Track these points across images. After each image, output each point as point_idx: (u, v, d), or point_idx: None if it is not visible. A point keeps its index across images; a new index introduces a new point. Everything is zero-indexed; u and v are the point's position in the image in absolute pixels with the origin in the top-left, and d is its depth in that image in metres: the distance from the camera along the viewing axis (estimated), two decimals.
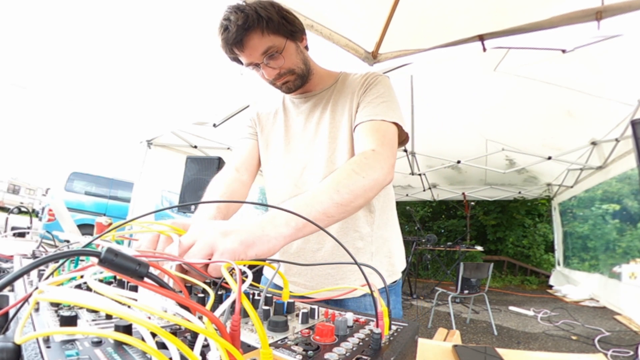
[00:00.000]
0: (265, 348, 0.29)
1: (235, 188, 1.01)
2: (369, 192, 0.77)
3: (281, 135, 1.10)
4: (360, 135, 0.91)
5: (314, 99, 1.07)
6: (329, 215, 0.69)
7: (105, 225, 1.84)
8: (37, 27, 2.32)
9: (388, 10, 2.11)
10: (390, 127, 0.92)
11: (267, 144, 1.13)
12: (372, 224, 1.02)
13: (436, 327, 3.14)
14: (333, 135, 1.01)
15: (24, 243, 1.48)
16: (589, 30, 1.96)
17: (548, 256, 8.38)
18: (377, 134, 0.88)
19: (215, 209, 0.87)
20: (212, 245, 0.52)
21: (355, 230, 1.00)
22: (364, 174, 0.76)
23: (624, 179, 6.54)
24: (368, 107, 0.94)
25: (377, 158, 0.82)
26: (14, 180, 25.67)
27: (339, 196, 0.70)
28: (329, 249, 1.00)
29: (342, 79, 1.07)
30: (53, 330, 0.27)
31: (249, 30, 0.85)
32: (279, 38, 0.90)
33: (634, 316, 4.48)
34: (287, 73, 0.96)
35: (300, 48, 0.97)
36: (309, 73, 1.01)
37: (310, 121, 1.06)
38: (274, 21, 0.87)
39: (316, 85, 1.07)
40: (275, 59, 0.92)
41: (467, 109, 4.07)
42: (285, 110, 1.13)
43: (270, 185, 1.12)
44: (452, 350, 0.84)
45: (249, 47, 0.88)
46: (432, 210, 10.50)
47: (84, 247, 0.47)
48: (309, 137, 1.05)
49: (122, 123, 4.18)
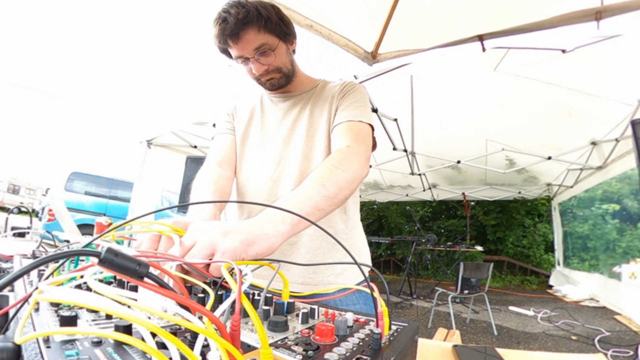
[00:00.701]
0: (265, 348, 0.29)
1: (222, 184, 1.02)
2: (352, 184, 0.82)
3: (257, 131, 1.13)
4: (337, 134, 0.98)
5: (293, 99, 1.12)
6: (320, 208, 0.73)
7: (105, 225, 1.84)
8: (37, 27, 2.32)
9: (387, 10, 2.11)
10: (365, 127, 0.98)
11: (243, 138, 1.15)
12: (347, 222, 1.07)
13: (436, 327, 3.14)
14: (311, 135, 1.05)
15: (24, 243, 1.48)
16: (589, 30, 1.96)
17: (548, 256, 8.38)
18: (352, 132, 0.95)
19: (215, 208, 0.88)
20: (213, 245, 0.53)
21: (330, 226, 1.03)
22: (344, 167, 0.81)
23: (624, 179, 6.54)
24: (346, 110, 1.01)
25: (352, 152, 0.87)
26: (14, 180, 25.67)
27: (325, 190, 0.75)
28: (306, 242, 1.02)
29: (321, 85, 1.14)
30: (53, 330, 0.27)
31: (247, 25, 0.90)
32: (273, 37, 0.95)
33: (634, 316, 4.48)
34: (274, 70, 1.01)
35: (289, 50, 1.04)
36: (293, 74, 1.07)
37: (287, 118, 1.10)
38: (272, 21, 0.92)
39: (296, 88, 1.12)
40: (266, 56, 0.97)
41: (467, 109, 4.07)
42: (262, 106, 1.16)
43: (244, 180, 1.12)
44: (452, 350, 0.84)
45: (244, 41, 0.92)
46: (432, 210, 10.49)
47: (84, 247, 0.47)
48: (284, 133, 1.08)
49: (122, 123, 4.18)
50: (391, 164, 5.42)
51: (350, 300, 1.01)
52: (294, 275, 1.02)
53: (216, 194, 0.96)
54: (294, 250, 1.03)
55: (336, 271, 1.02)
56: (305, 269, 1.02)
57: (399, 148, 4.85)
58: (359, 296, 1.02)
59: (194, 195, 0.98)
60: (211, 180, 1.00)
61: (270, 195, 1.04)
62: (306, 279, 1.02)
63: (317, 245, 1.02)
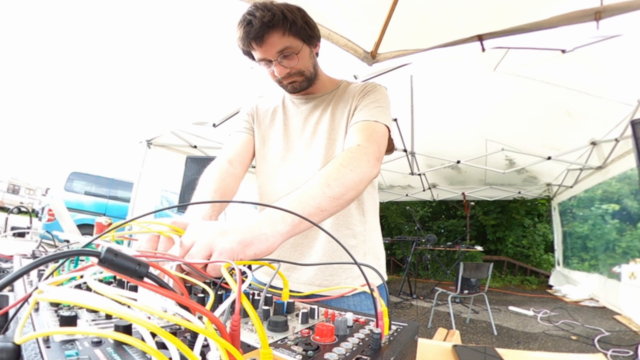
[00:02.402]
0: (265, 348, 0.29)
1: (228, 182, 1.00)
2: (359, 185, 0.79)
3: (280, 133, 1.12)
4: (350, 133, 0.96)
5: (314, 101, 1.11)
6: (323, 209, 0.71)
7: (105, 225, 1.83)
8: (37, 27, 2.32)
9: (387, 10, 2.11)
10: (380, 127, 0.95)
11: (264, 140, 1.14)
12: (365, 223, 1.06)
13: (436, 327, 3.14)
14: (332, 137, 1.04)
15: (23, 243, 1.48)
16: (588, 31, 1.96)
17: (548, 256, 8.39)
18: (365, 132, 0.92)
19: (212, 208, 0.87)
20: (211, 245, 0.52)
21: (348, 227, 1.02)
22: (351, 167, 0.78)
23: (623, 179, 6.54)
24: (364, 110, 0.99)
25: (362, 152, 0.85)
26: (14, 180, 25.66)
27: (330, 190, 0.72)
28: (322, 244, 1.01)
29: (343, 86, 1.12)
30: (53, 330, 0.27)
31: (272, 28, 0.89)
32: (297, 41, 0.94)
33: (633, 316, 4.49)
34: (296, 74, 1.00)
35: (312, 53, 1.03)
36: (315, 77, 1.06)
37: (309, 121, 1.09)
38: (297, 25, 0.92)
39: (319, 89, 1.11)
40: (290, 59, 0.96)
41: (467, 109, 4.07)
42: (284, 108, 1.15)
43: (265, 181, 1.12)
44: (451, 350, 0.84)
45: (268, 44, 0.91)
46: (432, 210, 10.49)
47: (83, 247, 0.47)
48: (307, 136, 1.08)
49: (122, 123, 4.18)
50: (391, 163, 5.42)
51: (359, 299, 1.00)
52: (310, 277, 1.01)
53: (218, 192, 0.95)
54: (312, 252, 1.02)
55: (354, 274, 1.01)
56: (322, 271, 1.01)
57: (399, 148, 4.85)
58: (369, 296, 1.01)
59: (196, 191, 0.97)
60: (216, 177, 0.99)
61: None
62: (323, 281, 1.01)
63: (335, 246, 1.00)
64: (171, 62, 2.78)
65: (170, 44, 2.55)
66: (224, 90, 3.21)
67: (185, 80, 3.08)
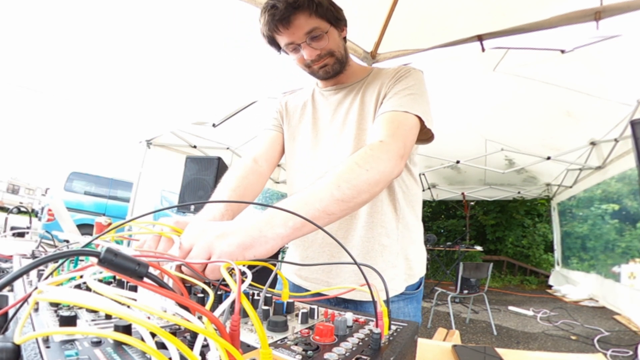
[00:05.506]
0: (264, 348, 0.29)
1: (250, 180, 0.97)
2: (374, 187, 0.72)
3: (309, 128, 1.08)
4: (374, 126, 0.87)
5: (344, 91, 1.05)
6: (329, 212, 0.65)
7: (105, 225, 1.83)
8: (37, 28, 2.32)
9: (387, 10, 2.11)
10: (410, 119, 0.86)
11: (293, 136, 1.10)
12: (399, 221, 0.99)
13: (436, 327, 3.14)
14: (362, 127, 0.98)
15: (23, 243, 1.48)
16: (588, 31, 1.97)
17: (547, 256, 8.39)
18: (391, 125, 0.84)
19: (223, 206, 0.83)
20: (210, 248, 0.52)
21: (382, 226, 0.97)
22: (368, 166, 0.71)
23: (623, 179, 6.54)
24: (393, 98, 0.91)
25: (383, 149, 0.77)
26: (14, 180, 25.64)
27: (339, 192, 0.66)
28: (358, 240, 0.97)
29: (374, 72, 1.05)
30: (52, 330, 0.27)
31: (298, 9, 0.86)
32: (324, 22, 0.91)
33: (633, 316, 4.49)
34: (327, 55, 0.95)
35: (341, 36, 0.99)
36: (346, 60, 1.01)
37: (338, 112, 1.04)
38: (323, 6, 0.89)
39: (348, 78, 1.06)
40: (319, 40, 0.92)
41: (467, 109, 4.07)
42: (314, 102, 1.11)
43: (293, 177, 1.09)
44: (451, 350, 0.84)
45: (295, 26, 0.88)
46: (431, 210, 10.50)
47: (83, 247, 0.47)
48: (335, 127, 1.03)
49: (121, 123, 4.18)
50: None
51: (397, 305, 0.98)
52: (343, 280, 0.98)
53: (237, 190, 0.91)
54: (344, 252, 1.00)
55: (387, 276, 0.95)
56: (357, 274, 0.96)
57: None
58: (407, 302, 0.99)
59: (217, 188, 0.94)
60: (238, 175, 0.96)
61: None
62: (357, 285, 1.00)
63: (370, 247, 0.96)
64: (171, 62, 2.78)
65: (170, 45, 2.55)
66: (224, 90, 3.22)
67: (185, 80, 3.08)
